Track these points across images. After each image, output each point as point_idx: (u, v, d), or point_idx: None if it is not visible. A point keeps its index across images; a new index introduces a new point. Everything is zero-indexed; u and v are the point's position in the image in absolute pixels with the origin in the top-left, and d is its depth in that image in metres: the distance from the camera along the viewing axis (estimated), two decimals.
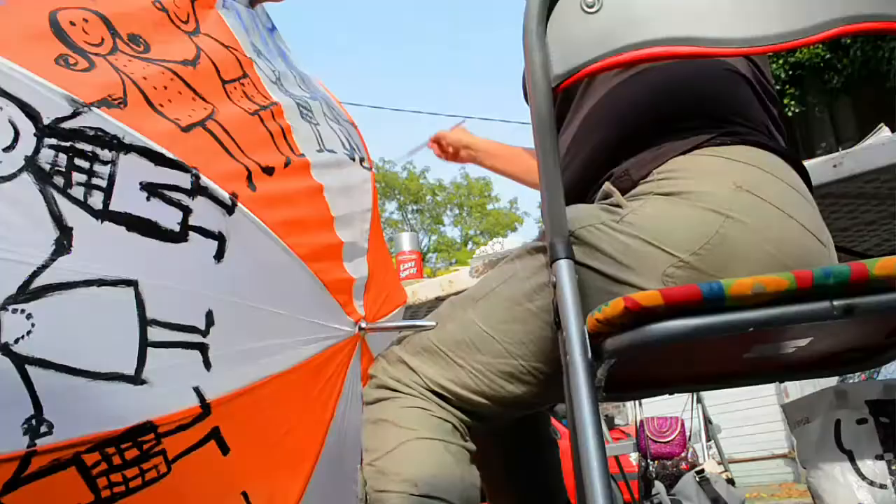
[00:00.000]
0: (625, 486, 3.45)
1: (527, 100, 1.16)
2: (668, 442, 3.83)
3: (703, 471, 3.12)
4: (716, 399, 4.18)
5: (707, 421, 4.12)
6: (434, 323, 0.97)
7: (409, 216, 20.43)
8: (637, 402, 3.27)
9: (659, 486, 3.23)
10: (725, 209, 0.81)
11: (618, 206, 0.85)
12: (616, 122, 0.93)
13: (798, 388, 7.52)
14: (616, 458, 3.40)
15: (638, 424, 3.73)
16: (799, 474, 7.63)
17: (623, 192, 0.87)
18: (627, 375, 0.89)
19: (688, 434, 4.04)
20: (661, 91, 0.93)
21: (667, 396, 1.09)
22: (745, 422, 8.05)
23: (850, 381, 2.54)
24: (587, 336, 0.73)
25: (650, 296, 0.68)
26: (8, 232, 0.75)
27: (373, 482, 0.89)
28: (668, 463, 3.84)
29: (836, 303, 0.67)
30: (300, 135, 1.03)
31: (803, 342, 0.85)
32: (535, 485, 1.15)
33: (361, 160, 1.16)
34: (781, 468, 8.33)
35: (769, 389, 8.06)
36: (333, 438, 1.00)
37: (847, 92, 8.25)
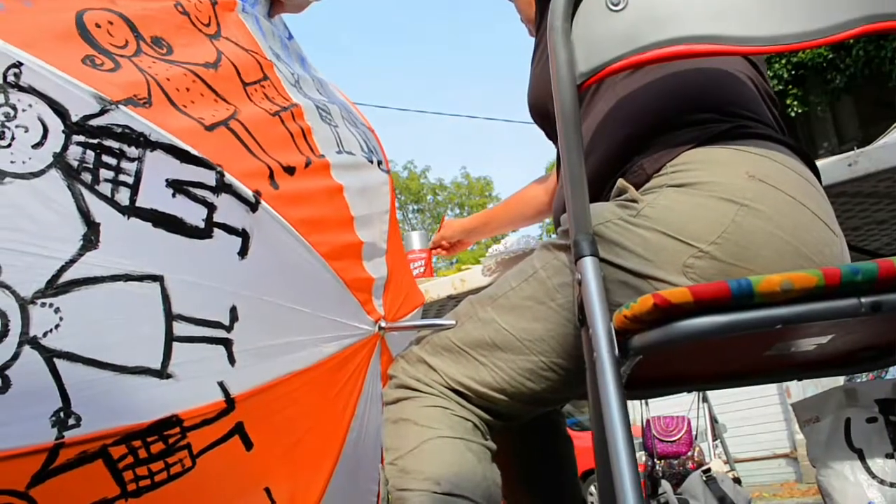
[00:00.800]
0: None
1: (533, 117, 1.17)
2: (674, 441, 3.83)
3: (709, 470, 3.12)
4: (717, 399, 4.18)
5: (713, 420, 4.12)
6: (453, 322, 0.98)
7: (410, 216, 20.44)
8: (643, 401, 3.28)
9: (665, 485, 3.23)
10: (740, 197, 0.81)
11: (633, 200, 0.86)
12: (628, 121, 0.94)
13: (801, 388, 7.54)
14: None
15: (644, 423, 3.73)
16: (801, 474, 7.65)
17: (637, 187, 0.87)
18: (644, 374, 0.90)
19: (694, 433, 4.04)
20: (672, 89, 0.94)
21: (673, 395, 1.10)
22: (746, 421, 8.05)
23: (857, 380, 2.55)
24: (614, 333, 0.74)
25: (679, 293, 0.69)
26: (36, 227, 0.76)
27: (395, 481, 0.90)
28: (675, 462, 3.84)
29: (863, 300, 0.67)
30: (320, 136, 1.04)
31: (824, 339, 0.85)
32: (551, 482, 1.15)
33: (379, 163, 1.17)
34: (783, 468, 8.34)
35: (771, 389, 8.07)
36: (353, 437, 1.00)
37: (849, 92, 8.26)
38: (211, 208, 0.83)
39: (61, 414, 0.74)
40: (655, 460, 3.61)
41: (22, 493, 0.75)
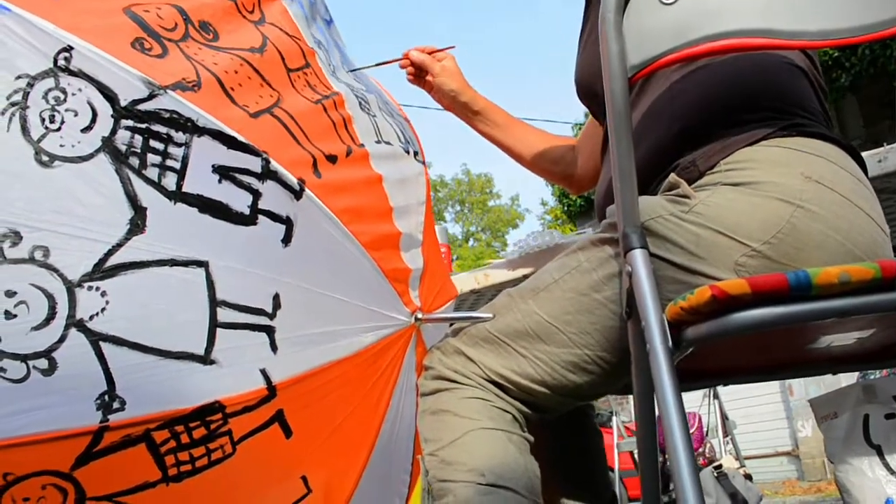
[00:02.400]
0: (635, 483, 3.45)
1: (580, 96, 1.16)
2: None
3: (720, 466, 3.12)
4: (720, 396, 4.19)
5: (724, 416, 4.12)
6: (491, 315, 0.97)
7: None
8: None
9: None
10: (796, 199, 0.81)
11: (685, 196, 0.85)
12: (679, 116, 0.93)
13: (803, 387, 7.55)
14: (631, 453, 3.39)
15: (656, 419, 3.73)
16: (802, 472, 7.66)
17: (689, 183, 0.87)
18: (684, 367, 0.90)
19: (705, 429, 4.04)
20: (725, 83, 0.93)
21: (683, 392, 1.09)
22: (748, 419, 8.05)
23: (871, 377, 2.55)
24: (667, 325, 0.74)
25: (737, 284, 0.68)
26: (84, 210, 0.76)
27: (436, 472, 0.89)
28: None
29: None
30: (360, 125, 1.03)
31: (866, 333, 0.85)
32: (582, 475, 1.15)
33: (415, 154, 1.17)
34: (785, 466, 8.34)
35: (773, 387, 8.07)
36: (388, 428, 1.00)
37: (854, 91, 8.24)
38: (256, 195, 0.83)
39: (106, 397, 0.75)
40: (666, 456, 3.58)
41: (66, 475, 0.75)
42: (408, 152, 1.13)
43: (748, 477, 3.20)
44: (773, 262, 0.81)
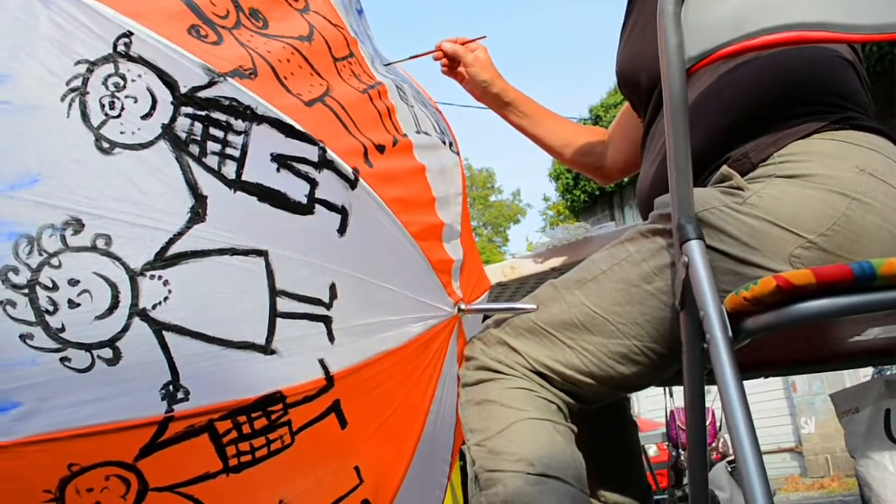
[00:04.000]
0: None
1: (622, 88, 1.16)
2: None
3: (734, 460, 3.14)
4: None
5: None
6: (534, 306, 0.97)
7: None
8: (669, 392, 3.30)
9: None
10: (851, 191, 0.82)
11: (739, 188, 0.86)
12: (731, 108, 0.93)
13: (806, 383, 7.58)
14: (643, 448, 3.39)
15: (669, 414, 3.75)
16: (805, 468, 7.69)
17: (741, 175, 0.87)
18: None
19: (718, 424, 4.06)
20: (777, 76, 0.93)
21: None
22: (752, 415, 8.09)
23: (886, 372, 2.56)
24: (726, 315, 0.74)
25: (802, 274, 0.69)
26: (145, 198, 0.75)
27: (484, 462, 0.89)
28: None
29: None
30: (401, 115, 1.03)
31: None
32: (619, 466, 1.15)
33: (451, 144, 1.17)
34: (788, 462, 8.37)
35: (776, 383, 8.09)
36: (433, 418, 1.00)
37: None
38: (313, 184, 0.83)
39: (170, 387, 0.74)
40: (680, 451, 3.62)
41: (129, 465, 0.75)
42: (444, 143, 1.13)
43: None
44: (827, 253, 0.81)
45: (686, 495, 3.36)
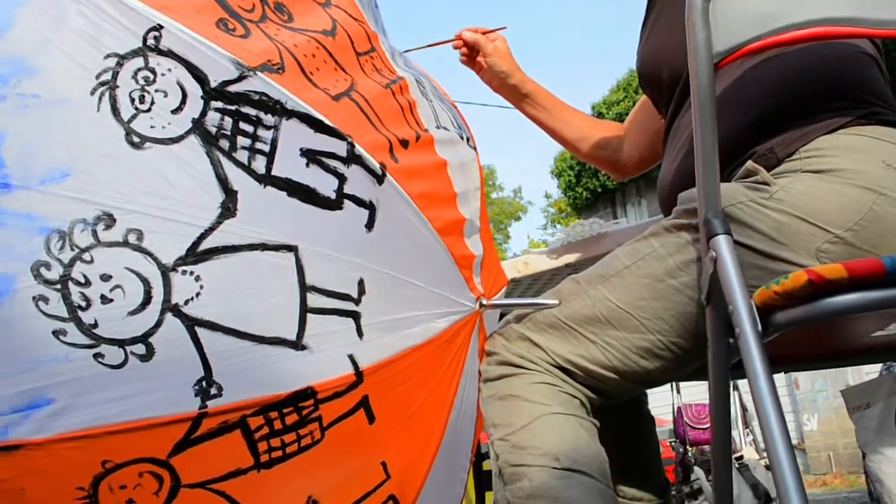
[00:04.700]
0: None
1: (643, 84, 1.16)
2: (706, 428, 3.85)
3: (741, 457, 3.15)
4: (740, 388, 4.20)
5: (744, 408, 4.15)
6: (556, 301, 0.97)
7: None
8: (676, 388, 3.30)
9: (698, 472, 3.25)
10: (878, 186, 0.82)
11: (765, 183, 0.86)
12: (756, 103, 0.93)
13: (809, 380, 7.59)
14: None
15: (676, 411, 3.76)
16: (808, 465, 7.70)
17: (767, 171, 0.87)
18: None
19: None
20: (801, 72, 0.93)
21: (703, 382, 1.10)
22: (754, 411, 8.11)
23: (894, 369, 2.56)
24: (755, 309, 0.74)
25: (834, 268, 0.69)
26: (176, 193, 0.75)
27: (507, 456, 0.89)
28: (707, 449, 3.87)
29: None
30: (422, 110, 1.03)
31: None
32: (637, 460, 1.16)
33: (468, 139, 1.17)
34: None
35: (779, 380, 8.06)
36: (455, 414, 1.01)
37: None
38: (342, 179, 0.83)
39: (204, 383, 0.74)
40: (687, 447, 3.64)
41: (163, 462, 0.75)
42: (461, 137, 1.13)
43: (769, 468, 3.22)
44: (855, 248, 0.82)
45: (693, 491, 3.37)
